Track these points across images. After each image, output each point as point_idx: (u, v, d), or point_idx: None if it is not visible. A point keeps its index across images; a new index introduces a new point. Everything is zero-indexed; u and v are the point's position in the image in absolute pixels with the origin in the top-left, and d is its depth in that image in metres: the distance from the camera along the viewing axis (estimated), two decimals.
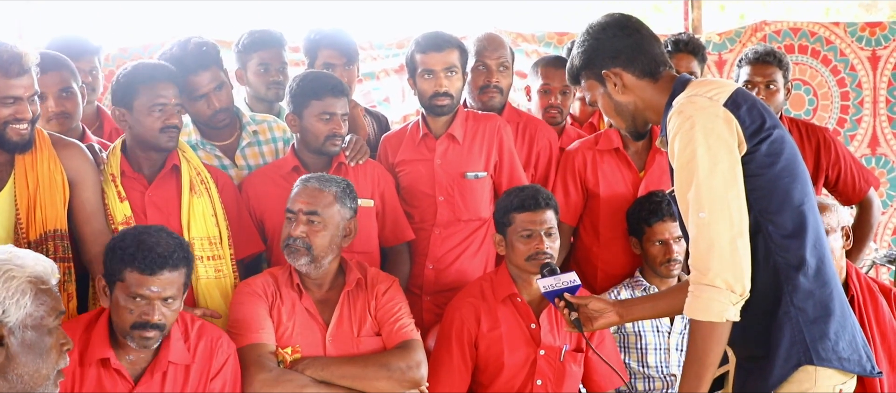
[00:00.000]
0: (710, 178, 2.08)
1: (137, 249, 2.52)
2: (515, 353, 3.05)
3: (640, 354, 3.30)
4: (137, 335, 2.54)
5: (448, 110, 3.38)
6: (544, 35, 5.15)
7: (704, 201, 2.08)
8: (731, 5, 8.52)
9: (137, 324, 2.53)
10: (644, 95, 2.31)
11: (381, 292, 2.99)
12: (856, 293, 3.19)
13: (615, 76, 2.30)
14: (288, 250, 2.90)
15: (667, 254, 3.28)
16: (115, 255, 2.56)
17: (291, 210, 2.92)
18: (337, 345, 2.90)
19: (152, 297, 2.52)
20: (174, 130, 2.97)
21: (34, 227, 2.76)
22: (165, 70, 3.01)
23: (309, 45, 3.75)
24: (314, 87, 3.17)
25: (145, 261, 2.51)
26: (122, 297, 2.54)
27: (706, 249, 2.08)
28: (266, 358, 2.80)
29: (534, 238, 3.03)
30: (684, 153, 2.12)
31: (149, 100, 2.93)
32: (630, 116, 2.36)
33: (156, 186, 3.02)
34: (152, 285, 2.52)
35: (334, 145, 3.19)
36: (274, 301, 2.92)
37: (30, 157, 2.78)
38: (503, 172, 3.43)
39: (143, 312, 2.53)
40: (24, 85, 2.67)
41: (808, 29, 5.22)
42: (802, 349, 2.12)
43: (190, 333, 2.70)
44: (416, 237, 3.39)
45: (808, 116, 5.19)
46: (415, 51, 3.38)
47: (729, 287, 2.07)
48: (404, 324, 2.96)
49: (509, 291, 3.09)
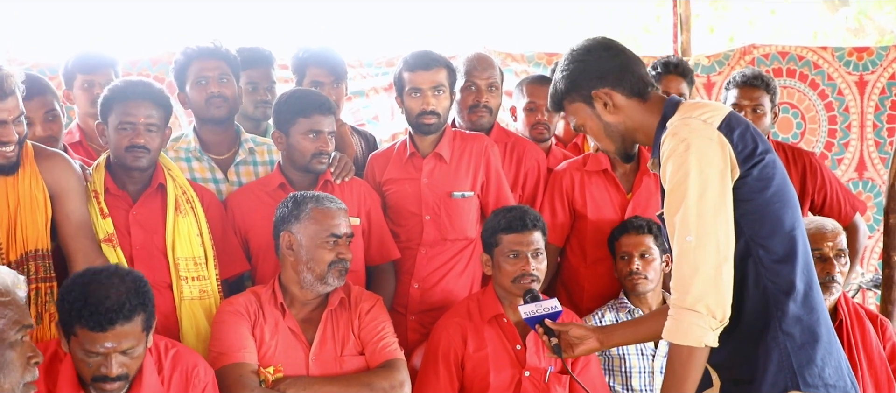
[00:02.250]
0: (699, 203, 2.07)
1: (85, 303, 2.32)
2: (501, 373, 3.03)
3: (624, 378, 3.28)
4: (99, 387, 2.40)
5: (435, 129, 3.37)
6: (534, 55, 5.15)
7: (692, 225, 2.07)
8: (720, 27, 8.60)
9: (97, 377, 2.38)
10: (634, 115, 2.29)
11: (364, 311, 2.97)
12: (844, 318, 3.20)
13: (605, 96, 2.28)
14: (338, 274, 2.89)
15: (629, 265, 3.29)
16: (64, 307, 2.38)
17: (336, 234, 2.89)
18: (320, 364, 2.88)
19: (108, 351, 2.35)
20: (141, 151, 2.91)
21: (14, 247, 2.73)
22: (141, 89, 2.97)
23: (297, 63, 3.73)
24: (301, 105, 3.15)
25: (94, 317, 2.31)
26: (78, 350, 2.38)
27: (690, 273, 2.07)
28: (247, 378, 2.78)
29: (520, 259, 3.02)
30: (676, 175, 2.11)
31: (117, 118, 2.91)
32: (619, 137, 2.34)
33: (140, 205, 2.99)
34: (105, 342, 2.33)
35: (321, 163, 3.17)
36: (256, 320, 2.90)
37: (11, 176, 2.74)
38: (490, 192, 3.42)
39: (101, 364, 2.36)
40: (7, 108, 2.64)
41: (797, 53, 5.25)
42: (789, 375, 2.11)
43: (163, 362, 2.60)
44: (402, 256, 3.37)
45: (795, 140, 5.20)
46: (403, 69, 3.37)
47: (710, 312, 2.05)
48: (388, 343, 2.94)
49: (495, 311, 3.08)
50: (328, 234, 2.89)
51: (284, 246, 2.93)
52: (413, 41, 3.61)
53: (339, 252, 2.90)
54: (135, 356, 2.42)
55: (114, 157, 2.97)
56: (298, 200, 2.95)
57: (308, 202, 2.94)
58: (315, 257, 2.88)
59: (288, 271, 2.95)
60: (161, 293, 2.94)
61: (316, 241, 2.88)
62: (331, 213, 2.93)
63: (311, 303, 2.96)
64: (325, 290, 2.93)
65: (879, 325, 3.24)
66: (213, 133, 3.41)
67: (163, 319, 2.92)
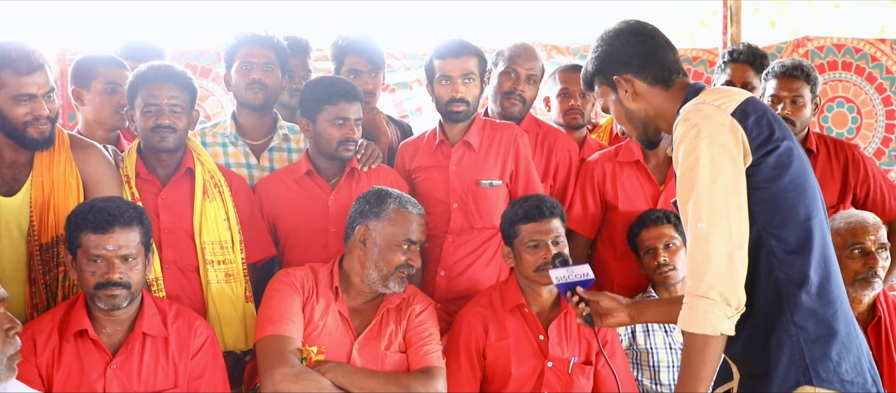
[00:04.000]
0: (711, 189, 2.02)
1: (89, 211, 2.61)
2: (523, 364, 3.01)
3: (652, 372, 3.22)
4: (104, 295, 2.60)
5: (464, 117, 3.35)
6: (579, 47, 5.10)
7: (704, 212, 2.02)
8: (782, 22, 8.36)
9: (100, 284, 2.59)
10: (655, 103, 2.26)
11: (415, 313, 2.98)
12: (882, 315, 3.11)
13: (626, 83, 2.26)
14: (400, 280, 2.91)
15: (655, 259, 3.24)
16: (71, 223, 2.63)
17: (412, 240, 2.92)
18: (363, 355, 2.89)
19: (110, 255, 2.59)
20: (167, 131, 2.96)
21: (46, 229, 2.79)
22: (164, 71, 3.01)
23: (336, 51, 3.76)
24: (327, 92, 3.16)
25: (97, 221, 2.58)
26: (84, 261, 2.61)
27: (703, 261, 2.02)
28: (291, 353, 2.78)
29: (541, 248, 2.99)
30: (687, 161, 2.06)
31: (143, 99, 2.96)
32: (641, 124, 2.31)
33: (169, 189, 3.03)
34: (107, 244, 2.58)
35: (347, 150, 3.19)
36: (309, 297, 2.92)
37: (47, 160, 2.81)
38: (519, 181, 3.39)
39: (104, 271, 2.59)
40: (37, 82, 2.70)
41: (853, 45, 5.08)
42: (802, 369, 2.04)
43: (167, 313, 2.76)
44: (429, 244, 3.35)
45: (851, 135, 5.05)
46: (433, 57, 3.37)
47: (724, 300, 2.00)
48: (431, 350, 2.94)
49: (517, 301, 3.05)
50: (404, 238, 2.90)
51: (358, 238, 2.93)
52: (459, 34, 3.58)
53: (410, 258, 2.91)
54: (136, 270, 2.65)
55: (141, 139, 3.03)
56: (382, 197, 2.96)
57: (391, 201, 2.94)
58: (386, 258, 2.89)
59: (353, 261, 2.95)
60: (188, 277, 3.01)
61: (391, 242, 2.90)
62: (410, 217, 2.94)
63: (366, 294, 2.97)
64: (383, 291, 2.93)
65: None
66: (250, 118, 3.45)
67: (189, 301, 2.99)
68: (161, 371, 2.69)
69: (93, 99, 3.29)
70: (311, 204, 3.22)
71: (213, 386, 2.76)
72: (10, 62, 2.66)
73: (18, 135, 2.72)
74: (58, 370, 2.60)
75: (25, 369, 2.54)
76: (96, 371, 2.62)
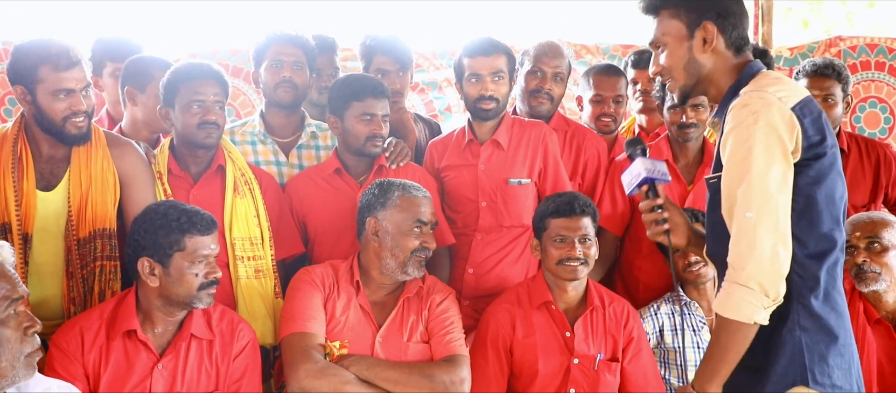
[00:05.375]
0: (763, 178, 1.99)
1: (187, 214, 2.67)
2: (549, 360, 3.02)
3: (680, 371, 3.22)
4: (205, 295, 2.67)
5: (493, 115, 3.37)
6: (609, 47, 5.09)
7: (754, 201, 2.00)
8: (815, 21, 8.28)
9: (205, 284, 2.66)
10: (720, 66, 2.18)
11: (436, 303, 3.00)
12: None
13: (708, 32, 2.16)
14: (418, 264, 2.95)
15: (685, 258, 3.22)
16: (161, 229, 2.64)
17: (423, 221, 2.95)
18: (386, 347, 2.92)
19: (211, 255, 2.68)
20: (213, 127, 3.02)
21: (84, 224, 2.83)
22: (206, 69, 3.06)
23: (364, 50, 3.79)
24: (354, 89, 3.20)
25: (203, 222, 2.67)
26: (187, 264, 2.64)
27: (747, 249, 2.01)
28: (314, 349, 2.82)
29: (566, 244, 3.01)
30: (741, 148, 2.02)
31: (187, 97, 2.99)
32: (694, 78, 2.21)
33: (201, 186, 3.08)
34: (211, 244, 2.68)
35: (375, 146, 3.21)
36: (330, 293, 2.95)
37: (85, 155, 2.85)
38: (547, 180, 3.39)
39: (210, 271, 2.67)
40: (75, 77, 2.75)
41: (887, 45, 5.04)
42: (800, 370, 2.06)
43: (212, 313, 2.78)
44: (458, 242, 3.38)
45: (883, 135, 5.00)
46: (462, 55, 3.39)
47: (763, 291, 2.00)
48: (454, 338, 2.96)
49: (544, 298, 3.06)
50: (414, 220, 2.93)
51: (369, 231, 2.97)
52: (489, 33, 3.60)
53: (424, 240, 2.94)
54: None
55: (183, 137, 3.05)
56: (385, 188, 2.99)
57: (395, 190, 2.98)
58: (400, 244, 2.92)
59: (369, 255, 2.99)
60: None
61: (402, 228, 2.93)
62: (417, 200, 2.97)
63: (386, 287, 3.00)
64: (403, 278, 2.97)
65: None
66: (279, 116, 3.49)
67: (220, 297, 2.99)
68: (204, 373, 2.72)
69: (146, 101, 3.28)
70: (339, 201, 3.25)
71: (251, 387, 2.79)
72: (49, 57, 2.70)
73: (57, 130, 2.77)
74: (105, 369, 2.62)
75: (71, 365, 2.59)
76: (144, 371, 2.65)
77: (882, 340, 3.09)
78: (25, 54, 2.73)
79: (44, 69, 2.71)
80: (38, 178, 2.82)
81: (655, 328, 3.25)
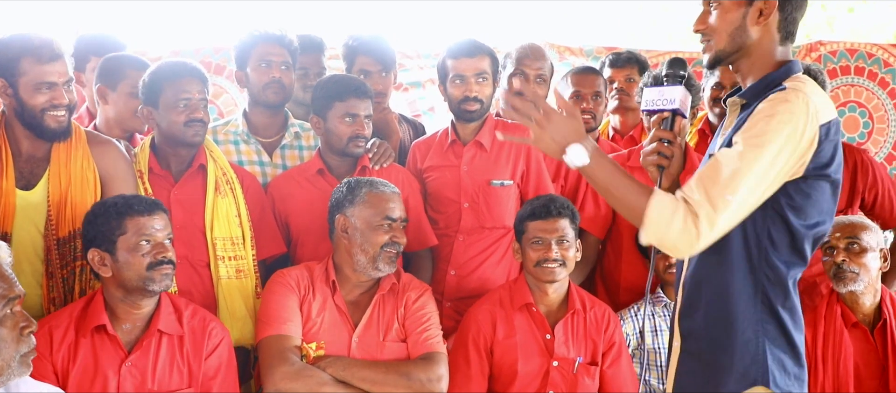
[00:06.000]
0: (759, 177, 1.94)
1: (128, 199, 2.69)
2: (529, 362, 3.03)
3: (660, 372, 3.24)
4: (158, 274, 2.63)
5: (477, 116, 3.38)
6: (592, 49, 5.12)
7: (740, 189, 1.94)
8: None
9: (154, 263, 2.63)
10: (766, 46, 2.10)
11: (411, 300, 3.01)
12: (888, 317, 3.13)
13: (769, 8, 2.07)
14: (389, 259, 2.94)
15: (666, 260, 3.26)
16: (103, 217, 2.65)
17: (391, 218, 2.95)
18: (362, 347, 2.92)
19: (159, 235, 2.66)
20: (199, 124, 3.01)
21: (64, 223, 2.81)
22: (190, 67, 3.06)
23: (347, 51, 3.79)
24: (337, 89, 3.20)
25: (143, 204, 2.68)
26: (130, 247, 2.62)
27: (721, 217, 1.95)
28: (290, 351, 2.83)
29: (543, 245, 3.03)
30: (760, 135, 1.95)
31: (173, 95, 2.98)
32: (737, 48, 2.11)
33: (182, 185, 3.06)
34: (155, 224, 2.67)
35: (357, 146, 3.22)
36: (306, 295, 2.95)
37: (65, 154, 2.83)
38: (530, 182, 3.40)
39: (157, 250, 2.64)
40: (58, 71, 2.73)
41: (866, 50, 5.09)
42: (761, 370, 2.06)
43: (183, 313, 2.77)
44: (440, 243, 3.38)
45: (862, 139, 5.05)
46: (446, 57, 3.39)
47: (699, 234, 1.94)
48: (431, 335, 2.96)
49: (525, 300, 3.08)
50: (383, 216, 2.94)
51: (339, 229, 2.98)
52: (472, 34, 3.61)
53: (394, 235, 2.94)
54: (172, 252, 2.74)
55: (167, 136, 3.04)
56: (353, 185, 3.00)
57: (363, 186, 2.99)
58: (369, 240, 2.92)
59: (341, 253, 2.99)
60: (199, 272, 3.04)
61: (371, 223, 2.93)
62: (385, 196, 2.97)
63: (362, 285, 3.00)
64: (376, 275, 2.97)
65: None
66: (262, 116, 3.48)
67: (200, 297, 3.02)
68: (176, 370, 2.70)
69: (117, 100, 3.29)
70: (322, 202, 3.23)
71: (226, 387, 2.78)
72: (32, 50, 2.68)
73: (37, 124, 2.75)
74: (73, 366, 2.62)
75: (41, 365, 2.56)
76: (111, 368, 2.63)
77: (859, 343, 3.13)
78: (7, 47, 2.71)
79: (26, 62, 2.69)
80: (18, 176, 2.80)
81: (636, 329, 3.28)
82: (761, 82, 2.09)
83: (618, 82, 4.04)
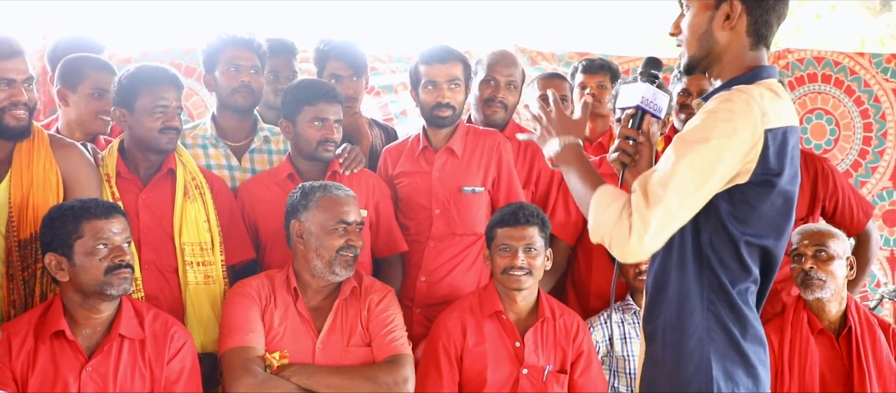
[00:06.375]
0: (692, 163, 1.90)
1: (85, 203, 2.67)
2: (499, 370, 3.03)
3: (629, 379, 3.26)
4: (115, 279, 2.61)
5: (450, 122, 3.38)
6: (564, 54, 5.13)
7: (672, 180, 1.90)
8: None
9: (111, 268, 2.61)
10: (734, 49, 2.06)
11: (374, 303, 2.99)
12: (854, 325, 3.16)
13: (736, 11, 2.04)
14: (345, 263, 2.91)
15: (636, 266, 3.27)
16: (60, 222, 2.62)
17: (346, 221, 2.92)
18: (326, 353, 2.90)
19: (116, 239, 2.65)
20: (174, 132, 2.98)
21: (25, 225, 2.78)
22: (169, 74, 3.03)
23: (318, 56, 3.77)
24: (306, 94, 3.19)
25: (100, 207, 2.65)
26: (87, 251, 2.61)
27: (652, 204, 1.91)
28: (253, 362, 2.81)
29: (510, 253, 3.04)
30: (698, 133, 1.93)
31: (151, 101, 2.95)
32: (706, 52, 2.08)
33: (150, 189, 3.03)
34: (113, 227, 2.65)
35: (327, 151, 3.20)
36: (267, 304, 2.93)
37: (27, 155, 2.80)
38: (501, 189, 3.41)
39: (115, 254, 2.63)
40: (17, 68, 2.70)
41: (833, 58, 5.15)
42: (705, 380, 2.02)
43: (144, 314, 2.75)
44: (411, 249, 3.38)
45: (829, 147, 5.11)
46: (419, 63, 3.39)
47: (631, 228, 1.91)
48: (396, 337, 2.95)
49: (495, 307, 3.08)
50: (337, 220, 2.91)
51: (295, 235, 2.96)
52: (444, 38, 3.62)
53: (349, 239, 2.92)
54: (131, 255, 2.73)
55: (139, 140, 3.00)
56: (306, 190, 2.98)
57: (316, 191, 2.97)
58: (324, 244, 2.90)
59: (299, 260, 2.97)
60: (167, 278, 3.00)
61: (325, 228, 2.91)
62: (339, 200, 2.95)
63: (322, 291, 2.98)
64: (333, 279, 2.95)
65: (891, 335, 3.18)
66: (231, 120, 3.45)
67: (168, 302, 2.99)
68: (137, 375, 2.68)
69: (78, 102, 3.24)
70: None
71: (189, 389, 2.76)
72: None
73: None
74: (32, 373, 2.58)
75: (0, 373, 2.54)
76: (72, 373, 2.60)
77: (824, 349, 3.16)
78: None
79: None
80: None
81: (605, 336, 3.29)
82: (723, 86, 2.07)
83: (589, 88, 4.05)
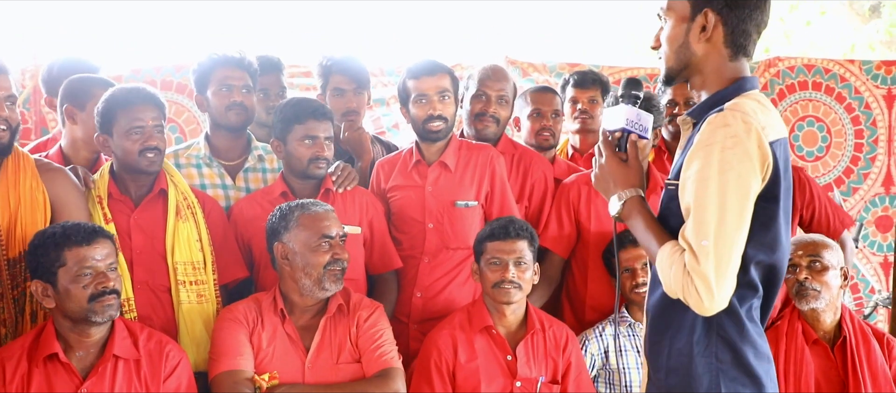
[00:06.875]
0: (726, 209, 1.90)
1: (66, 229, 2.64)
2: (492, 384, 3.03)
3: (625, 392, 3.26)
4: (99, 306, 2.60)
5: (443, 135, 3.38)
6: (555, 66, 5.13)
7: (708, 227, 1.91)
8: None
9: (95, 294, 2.60)
10: (712, 61, 2.06)
11: (363, 318, 2.98)
12: (848, 335, 3.16)
13: (709, 22, 2.03)
14: (334, 277, 2.90)
15: (632, 279, 3.27)
16: (42, 249, 2.62)
17: (328, 236, 2.91)
18: (315, 371, 2.90)
19: (100, 265, 2.63)
20: (155, 152, 2.97)
21: (14, 244, 2.78)
22: (143, 93, 3.01)
23: (321, 70, 3.80)
24: (296, 112, 3.19)
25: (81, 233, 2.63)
26: (70, 278, 2.60)
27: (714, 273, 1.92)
28: (242, 385, 2.81)
29: (501, 266, 3.04)
30: (710, 169, 1.92)
31: (127, 123, 2.94)
32: (684, 64, 2.09)
33: (142, 209, 3.03)
34: (96, 254, 2.63)
35: (318, 168, 3.20)
36: (255, 327, 2.92)
37: (13, 176, 2.79)
38: (494, 203, 3.40)
39: (98, 281, 2.61)
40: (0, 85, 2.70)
41: (823, 66, 5.17)
42: None
43: (138, 334, 2.74)
44: (405, 265, 3.37)
45: (820, 154, 5.13)
46: (407, 78, 3.39)
47: (711, 301, 1.92)
48: (385, 351, 2.94)
49: (485, 322, 3.08)
50: (320, 236, 2.91)
51: (280, 257, 2.95)
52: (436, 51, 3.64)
53: (335, 253, 2.91)
54: (118, 280, 2.70)
55: (123, 163, 2.99)
56: (285, 211, 2.97)
57: (294, 211, 2.96)
58: (310, 262, 2.90)
59: (286, 281, 2.97)
60: (159, 297, 3.00)
61: (309, 245, 2.90)
62: (319, 216, 2.94)
63: (310, 310, 2.98)
64: (323, 295, 2.94)
65: (886, 344, 3.19)
66: (225, 139, 3.45)
67: (161, 322, 2.98)
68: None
69: (86, 120, 3.20)
70: None
71: None
72: None
73: None
74: None
75: None
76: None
77: (819, 360, 3.16)
78: None
79: None
80: None
81: (601, 349, 3.29)
82: (709, 100, 2.06)
83: (581, 103, 4.05)
